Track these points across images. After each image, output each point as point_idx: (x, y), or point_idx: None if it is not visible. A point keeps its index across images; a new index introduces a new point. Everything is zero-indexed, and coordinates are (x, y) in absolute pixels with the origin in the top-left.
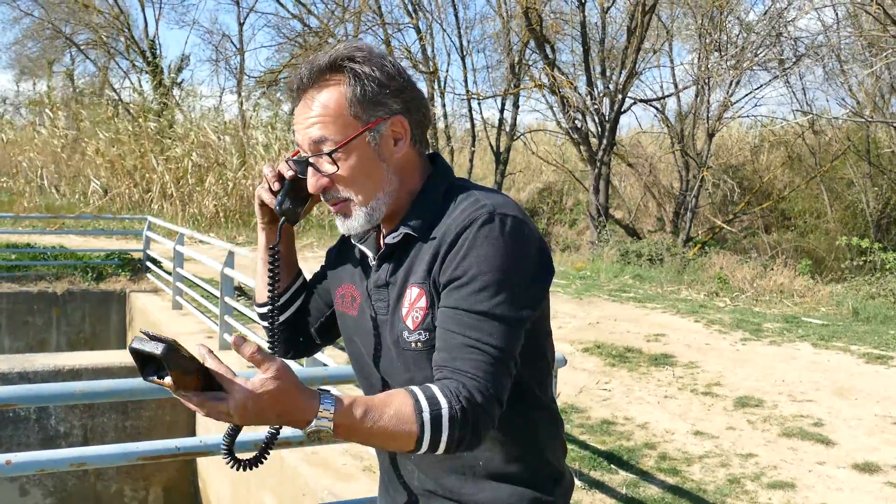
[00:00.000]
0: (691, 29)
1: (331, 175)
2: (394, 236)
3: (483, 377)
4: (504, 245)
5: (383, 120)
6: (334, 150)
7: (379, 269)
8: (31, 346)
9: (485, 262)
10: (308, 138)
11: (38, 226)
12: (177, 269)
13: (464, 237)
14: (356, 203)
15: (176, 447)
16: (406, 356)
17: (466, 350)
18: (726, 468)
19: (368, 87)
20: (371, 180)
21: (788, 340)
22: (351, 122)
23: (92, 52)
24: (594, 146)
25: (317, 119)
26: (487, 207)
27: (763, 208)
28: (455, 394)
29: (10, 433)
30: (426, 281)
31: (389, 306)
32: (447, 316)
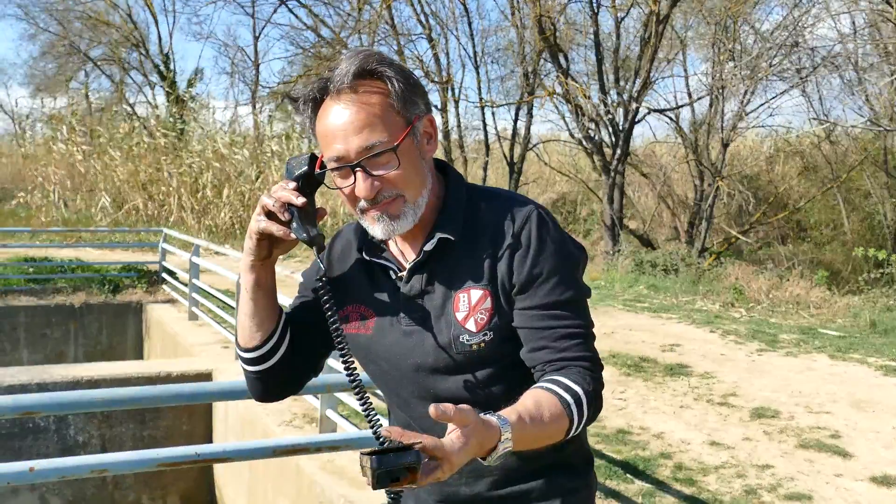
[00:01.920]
0: (705, 38)
1: (386, 175)
2: (431, 243)
3: (590, 355)
4: (557, 236)
5: (419, 118)
6: (395, 146)
7: (410, 280)
8: (49, 358)
9: (555, 257)
10: (357, 145)
11: (55, 239)
12: (193, 281)
13: (525, 237)
14: (408, 200)
15: (196, 453)
16: (461, 359)
17: (569, 337)
18: (742, 479)
19: (404, 87)
20: (419, 177)
21: (805, 352)
22: (398, 122)
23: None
24: (608, 156)
25: (364, 124)
26: (529, 205)
27: (779, 219)
28: (583, 378)
29: (31, 443)
30: (490, 283)
31: (429, 315)
32: (537, 314)
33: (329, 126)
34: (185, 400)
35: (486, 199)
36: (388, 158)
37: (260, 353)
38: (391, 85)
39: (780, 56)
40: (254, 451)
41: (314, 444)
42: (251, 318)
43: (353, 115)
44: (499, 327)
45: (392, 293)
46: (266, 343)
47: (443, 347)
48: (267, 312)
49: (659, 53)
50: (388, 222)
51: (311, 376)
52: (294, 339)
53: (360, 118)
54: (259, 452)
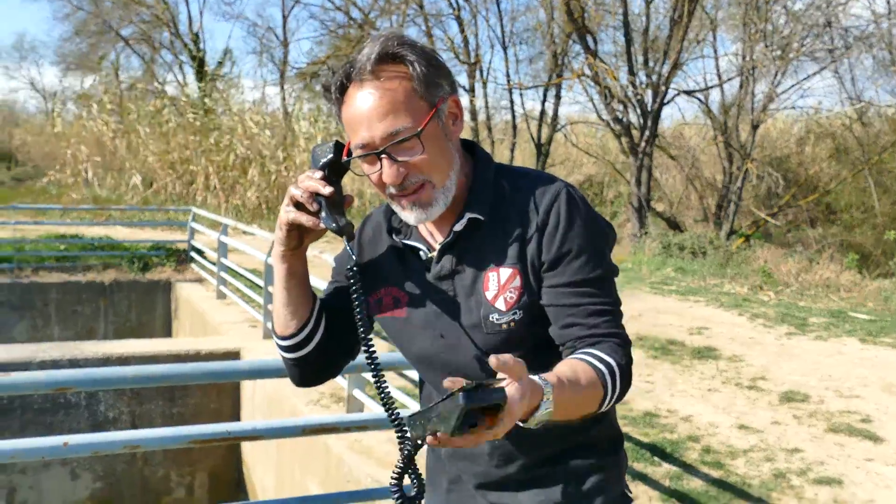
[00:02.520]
0: (736, 18)
1: (412, 161)
2: (461, 223)
3: (620, 332)
4: (587, 214)
5: (443, 100)
6: (419, 132)
7: (440, 260)
8: (79, 334)
9: (584, 234)
10: (381, 132)
11: (85, 217)
12: (221, 259)
13: (554, 215)
14: (436, 185)
15: (227, 431)
16: (490, 339)
17: (598, 314)
18: (771, 462)
19: (426, 70)
20: (445, 160)
21: (835, 335)
22: (421, 107)
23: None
24: (636, 138)
25: (387, 110)
26: (558, 183)
27: (808, 201)
28: (615, 351)
29: (62, 418)
30: (520, 261)
31: (459, 295)
32: (566, 291)
33: (354, 113)
34: (217, 378)
35: (515, 178)
36: (412, 144)
37: (296, 340)
38: (413, 69)
39: (812, 36)
40: (283, 430)
41: (343, 423)
42: (286, 307)
43: (377, 102)
44: (528, 306)
45: (422, 274)
46: (301, 331)
47: (474, 327)
48: (301, 300)
49: (688, 34)
50: (420, 210)
51: (348, 360)
52: (329, 326)
53: (383, 105)
54: (288, 431)
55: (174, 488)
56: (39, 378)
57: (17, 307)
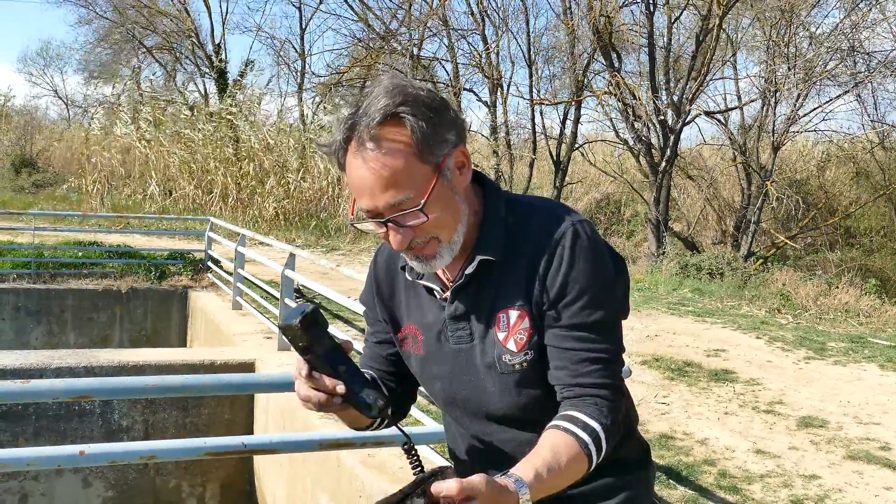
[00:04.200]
0: (758, 40)
1: (417, 226)
2: (472, 266)
3: (612, 383)
4: (594, 255)
5: (448, 156)
6: (422, 205)
7: (454, 300)
8: (94, 342)
9: (585, 277)
10: (384, 202)
11: (104, 225)
12: (237, 270)
13: (558, 255)
14: (442, 241)
15: (243, 444)
16: (505, 379)
17: (590, 363)
18: (789, 489)
19: (428, 130)
20: (451, 217)
21: (854, 361)
22: (424, 173)
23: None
24: (656, 157)
25: (389, 182)
26: (567, 221)
27: (828, 225)
28: (599, 411)
29: (76, 426)
30: (527, 303)
31: (474, 335)
32: (560, 334)
33: (355, 181)
34: (234, 390)
35: (527, 214)
36: (418, 214)
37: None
38: (414, 133)
39: (835, 60)
40: (299, 444)
41: (360, 439)
42: (351, 424)
43: (378, 174)
44: (539, 346)
45: (438, 312)
46: (371, 425)
47: (489, 367)
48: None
49: None
50: (426, 262)
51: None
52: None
53: (384, 177)
54: (304, 445)
55: (185, 499)
56: (59, 386)
57: (33, 312)
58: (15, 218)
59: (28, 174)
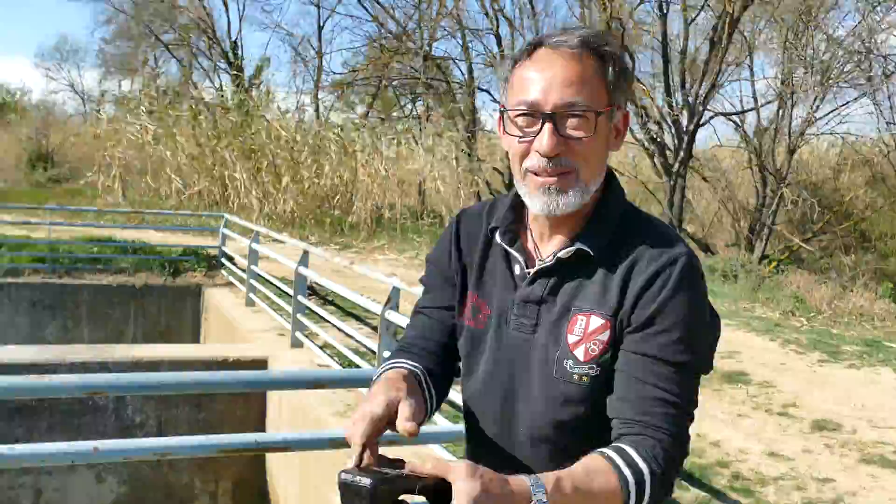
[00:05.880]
0: (775, 43)
1: (575, 138)
2: (567, 251)
3: (677, 433)
4: (699, 295)
5: (619, 108)
6: (599, 112)
7: (534, 282)
8: (109, 336)
9: (684, 311)
10: (559, 97)
11: (119, 220)
12: (251, 267)
13: (663, 277)
14: (581, 177)
15: (255, 441)
16: (556, 386)
17: (660, 404)
18: (802, 492)
19: (618, 72)
20: (600, 160)
21: (869, 364)
22: (603, 95)
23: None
24: (670, 158)
25: (575, 80)
26: (684, 250)
27: (843, 228)
28: (654, 456)
29: (89, 421)
30: (613, 314)
31: (539, 327)
32: (638, 362)
33: (534, 71)
34: (246, 387)
35: (642, 224)
36: (584, 124)
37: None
38: (610, 65)
39: (852, 63)
40: (309, 442)
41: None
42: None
43: (566, 69)
44: (609, 365)
45: (509, 292)
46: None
47: (543, 365)
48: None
49: (727, 56)
50: (555, 196)
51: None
52: (431, 373)
53: (572, 73)
54: (314, 443)
55: (198, 495)
56: (72, 381)
57: (49, 307)
58: (31, 213)
59: (44, 169)
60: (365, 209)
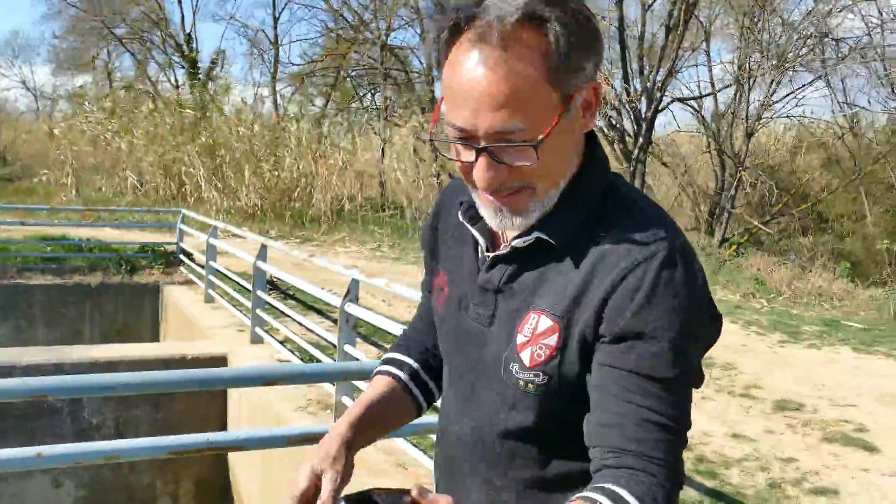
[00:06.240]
0: (731, 28)
1: (518, 168)
2: (525, 240)
3: (673, 463)
4: (689, 298)
5: (581, 89)
6: (538, 142)
7: (492, 268)
8: (64, 337)
9: (669, 318)
10: (489, 125)
11: (73, 218)
12: (209, 262)
13: (637, 276)
14: (537, 193)
15: (207, 441)
16: (504, 390)
17: (652, 429)
18: (766, 472)
19: (570, 47)
20: (559, 166)
21: (828, 344)
22: (549, 103)
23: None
24: (629, 144)
25: (505, 101)
26: (667, 242)
27: (800, 210)
28: (650, 493)
29: (44, 424)
30: (565, 315)
31: (496, 318)
32: (619, 379)
33: (458, 84)
34: (201, 385)
35: (621, 209)
36: (526, 151)
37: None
38: (554, 45)
39: (807, 47)
40: (266, 440)
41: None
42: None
43: (494, 86)
44: (558, 375)
45: (473, 273)
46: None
47: (494, 363)
48: (400, 419)
49: (683, 42)
50: (508, 217)
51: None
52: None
53: (502, 92)
54: (271, 441)
55: (159, 496)
56: (17, 385)
57: (1, 309)
58: None
59: None
60: (325, 202)
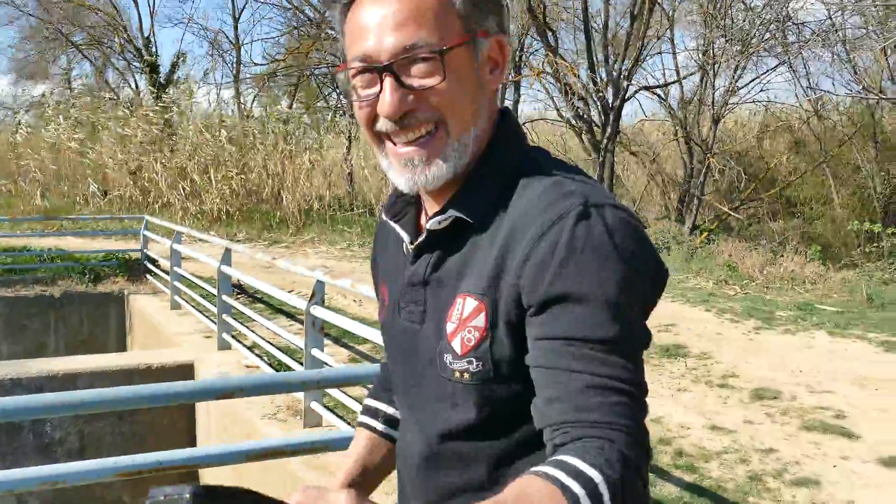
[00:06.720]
0: (694, 15)
1: (423, 87)
2: (440, 220)
3: (630, 427)
4: (613, 249)
5: (486, 34)
6: (443, 50)
7: (416, 261)
8: (28, 350)
9: (593, 274)
10: (392, 44)
11: (36, 228)
12: (174, 269)
13: (552, 240)
14: (451, 130)
15: (157, 461)
16: (442, 387)
17: (598, 393)
18: (746, 464)
19: None
20: (473, 102)
21: (803, 329)
22: (454, 25)
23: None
24: (598, 135)
25: (408, 17)
26: (577, 196)
27: (769, 195)
28: (606, 460)
29: (4, 442)
30: (487, 292)
31: (426, 314)
32: (555, 350)
33: (361, 18)
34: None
35: (536, 176)
36: (431, 67)
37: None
38: None
39: (769, 32)
40: (223, 457)
41: (290, 446)
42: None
43: (397, 5)
44: (491, 358)
45: (401, 272)
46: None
47: (430, 363)
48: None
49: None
50: (421, 169)
51: None
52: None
53: (405, 8)
54: (229, 458)
55: None
56: None
57: None
58: None
59: None
60: (293, 202)
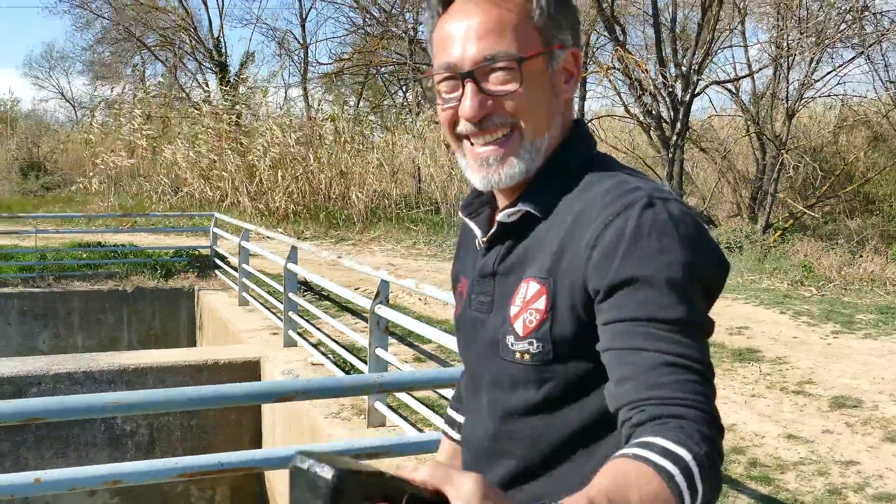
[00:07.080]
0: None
1: (502, 94)
2: (509, 213)
3: (703, 404)
4: (679, 233)
5: (561, 47)
6: (521, 58)
7: (487, 253)
8: (103, 343)
9: (660, 258)
10: (474, 53)
11: (109, 225)
12: (242, 265)
13: (617, 227)
14: (525, 133)
15: (219, 462)
16: (504, 369)
17: (669, 370)
18: (825, 477)
19: (554, 4)
20: (546, 110)
21: (885, 333)
22: (532, 37)
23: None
24: (667, 131)
25: (490, 29)
26: (642, 191)
27: (846, 192)
28: (689, 437)
29: (77, 432)
30: (550, 276)
31: (497, 301)
32: (624, 331)
33: (448, 29)
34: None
35: (603, 176)
36: (509, 76)
37: None
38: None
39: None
40: (284, 460)
41: (351, 451)
42: None
43: (480, 18)
44: (552, 340)
45: (475, 266)
46: None
47: (492, 347)
48: None
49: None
50: (495, 168)
51: None
52: None
53: (487, 21)
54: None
55: (195, 502)
56: (5, 409)
57: (40, 316)
58: (21, 222)
59: (36, 177)
60: (360, 200)
